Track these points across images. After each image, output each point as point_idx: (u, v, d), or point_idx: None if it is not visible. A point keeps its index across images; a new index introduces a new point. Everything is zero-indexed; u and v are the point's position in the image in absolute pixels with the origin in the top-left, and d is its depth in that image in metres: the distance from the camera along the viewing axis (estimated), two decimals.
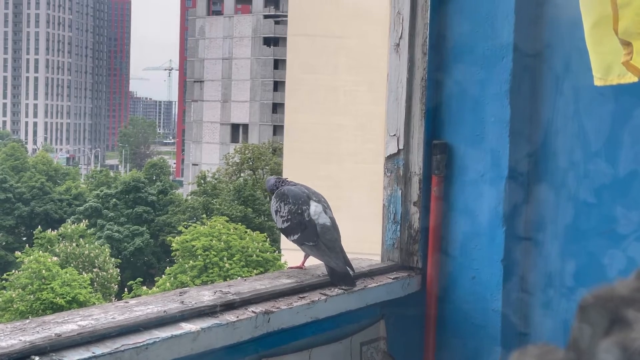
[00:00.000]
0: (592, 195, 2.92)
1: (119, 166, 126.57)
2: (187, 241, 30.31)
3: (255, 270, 28.16)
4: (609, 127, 2.89)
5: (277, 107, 68.36)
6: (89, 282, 31.49)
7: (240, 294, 2.49)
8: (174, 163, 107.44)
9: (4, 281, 31.03)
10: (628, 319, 0.86)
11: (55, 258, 32.02)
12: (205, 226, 31.39)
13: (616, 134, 2.87)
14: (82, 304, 27.17)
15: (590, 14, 2.34)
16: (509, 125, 2.98)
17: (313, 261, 2.89)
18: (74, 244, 36.68)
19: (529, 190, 3.05)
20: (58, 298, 28.10)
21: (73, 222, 42.41)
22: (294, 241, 2.85)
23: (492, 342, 3.02)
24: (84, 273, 32.55)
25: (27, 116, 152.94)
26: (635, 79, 2.24)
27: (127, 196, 49.19)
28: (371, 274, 3.01)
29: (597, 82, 2.39)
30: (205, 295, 2.43)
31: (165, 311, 2.24)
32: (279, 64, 69.37)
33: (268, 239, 32.03)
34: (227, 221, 32.15)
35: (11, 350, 1.84)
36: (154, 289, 30.23)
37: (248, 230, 31.87)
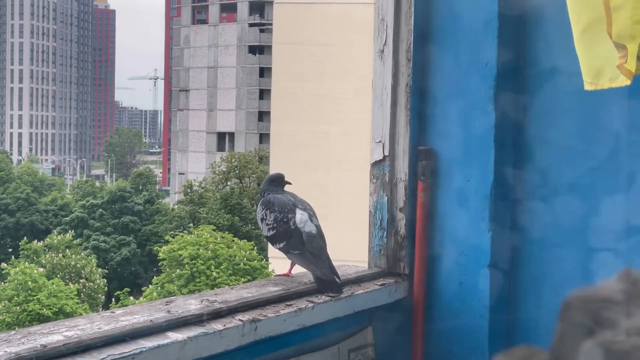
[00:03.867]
0: (578, 198, 2.93)
1: (105, 176, 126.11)
2: (174, 250, 30.20)
3: (242, 279, 28.08)
4: (595, 131, 2.90)
5: (263, 115, 68.38)
6: (76, 293, 31.35)
7: (227, 303, 2.48)
8: (160, 172, 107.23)
9: None
10: (611, 320, 0.86)
11: (41, 269, 31.86)
12: (192, 235, 31.28)
13: (602, 138, 2.88)
14: (68, 315, 27.01)
15: (580, 19, 2.32)
16: (494, 131, 2.98)
17: (300, 269, 2.88)
18: (60, 255, 36.52)
19: (515, 195, 3.06)
20: (45, 309, 27.96)
21: (59, 233, 42.21)
22: (279, 249, 2.84)
23: (480, 348, 3.02)
24: (70, 284, 32.41)
25: (11, 127, 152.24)
26: (628, 82, 2.22)
27: (113, 206, 49.04)
28: (358, 280, 3.00)
29: (588, 87, 2.36)
30: (191, 304, 2.42)
31: (151, 320, 2.22)
32: (264, 72, 69.43)
33: (255, 247, 31.97)
34: (214, 230, 32.08)
35: None
36: (141, 298, 30.08)
37: (235, 238, 31.80)
